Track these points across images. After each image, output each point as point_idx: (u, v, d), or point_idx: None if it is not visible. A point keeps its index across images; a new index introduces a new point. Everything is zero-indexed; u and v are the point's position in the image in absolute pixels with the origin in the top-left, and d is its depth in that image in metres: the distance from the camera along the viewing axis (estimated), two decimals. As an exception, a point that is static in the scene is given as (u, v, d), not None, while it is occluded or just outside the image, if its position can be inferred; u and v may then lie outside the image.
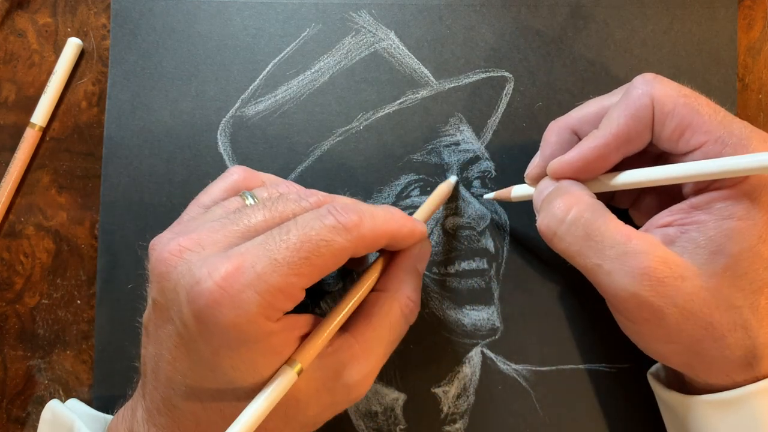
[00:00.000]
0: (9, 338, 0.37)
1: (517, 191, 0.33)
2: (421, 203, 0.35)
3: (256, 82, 0.36)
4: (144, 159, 0.36)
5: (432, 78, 0.36)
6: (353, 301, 0.28)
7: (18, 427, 0.36)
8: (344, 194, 0.36)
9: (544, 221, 0.29)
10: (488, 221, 0.36)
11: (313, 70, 0.36)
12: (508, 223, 0.36)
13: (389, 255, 0.30)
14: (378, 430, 0.35)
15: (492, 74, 0.36)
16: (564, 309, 0.35)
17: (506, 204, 0.36)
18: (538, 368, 0.35)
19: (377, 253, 0.30)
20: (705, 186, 0.27)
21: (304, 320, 0.26)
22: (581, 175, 0.29)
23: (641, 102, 0.27)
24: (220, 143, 0.36)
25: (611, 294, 0.27)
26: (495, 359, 0.35)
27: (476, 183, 0.36)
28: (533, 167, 0.32)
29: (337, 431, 0.34)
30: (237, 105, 0.36)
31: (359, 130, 0.36)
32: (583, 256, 0.27)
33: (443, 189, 0.34)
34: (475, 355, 0.35)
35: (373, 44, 0.36)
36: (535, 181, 0.31)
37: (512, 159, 0.36)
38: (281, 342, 0.25)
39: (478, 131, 0.36)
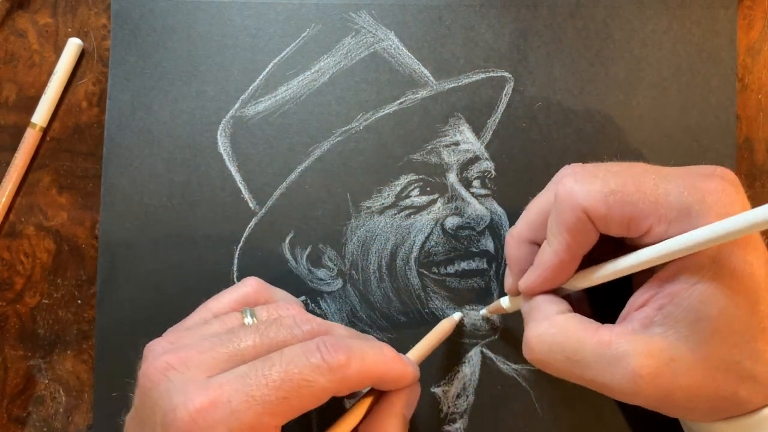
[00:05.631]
0: (9, 338, 0.37)
1: (505, 302, 0.33)
2: (420, 203, 0.36)
3: (256, 83, 0.36)
4: (144, 159, 0.36)
5: (432, 78, 0.36)
6: None
7: (18, 427, 0.36)
8: (345, 195, 0.36)
9: (528, 356, 0.29)
10: (488, 221, 0.36)
11: (313, 71, 0.36)
12: (508, 223, 0.36)
13: (378, 393, 0.29)
14: (378, 430, 0.35)
15: (492, 74, 0.36)
16: (564, 309, 0.35)
17: (505, 204, 0.36)
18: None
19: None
20: None
21: None
22: (550, 287, 0.29)
23: (575, 216, 0.26)
24: (220, 143, 0.36)
25: (618, 398, 0.27)
26: (495, 359, 0.35)
27: (476, 183, 0.36)
28: (509, 285, 0.32)
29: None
30: (237, 105, 0.36)
31: (359, 130, 0.36)
32: (574, 375, 0.27)
33: (444, 327, 0.32)
34: (474, 354, 0.35)
35: (373, 44, 0.36)
36: (515, 294, 0.31)
37: (512, 159, 0.36)
38: None
39: (477, 131, 0.36)
